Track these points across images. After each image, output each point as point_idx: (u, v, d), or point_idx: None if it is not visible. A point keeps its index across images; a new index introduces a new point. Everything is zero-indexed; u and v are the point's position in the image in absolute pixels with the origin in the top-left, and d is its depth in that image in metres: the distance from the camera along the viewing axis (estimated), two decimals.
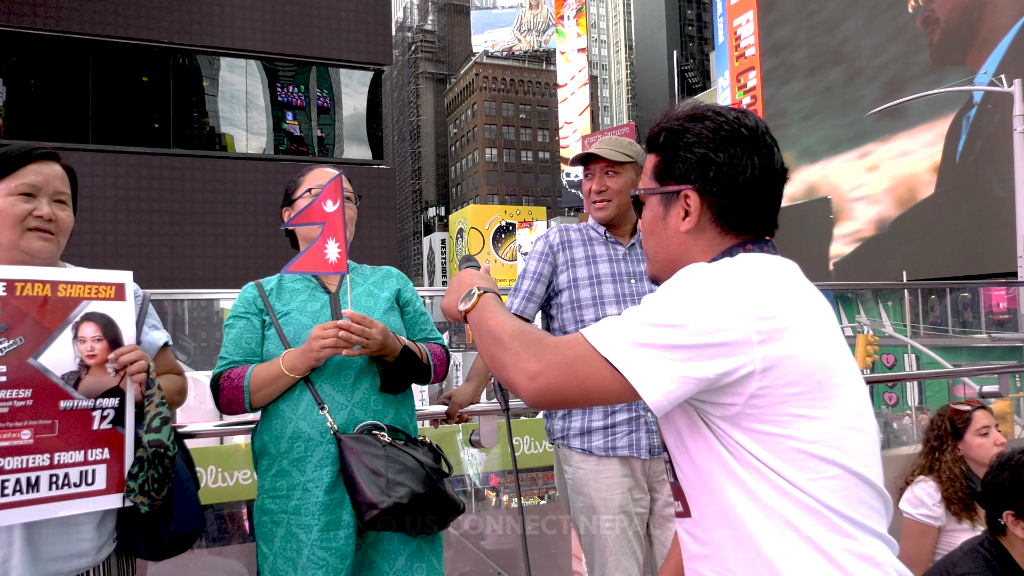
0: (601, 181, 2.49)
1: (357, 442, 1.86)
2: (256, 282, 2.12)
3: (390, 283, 2.18)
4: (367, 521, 1.82)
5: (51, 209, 1.67)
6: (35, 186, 1.65)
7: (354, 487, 1.82)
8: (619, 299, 2.45)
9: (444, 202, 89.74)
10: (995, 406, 7.50)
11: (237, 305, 2.06)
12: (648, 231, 1.34)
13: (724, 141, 1.23)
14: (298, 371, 1.90)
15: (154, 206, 14.11)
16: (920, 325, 15.17)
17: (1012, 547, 2.18)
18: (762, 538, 1.11)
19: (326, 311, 2.02)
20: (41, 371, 1.51)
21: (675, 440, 1.23)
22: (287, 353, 1.92)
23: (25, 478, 1.47)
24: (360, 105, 16.49)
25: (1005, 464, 2.22)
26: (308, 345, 1.87)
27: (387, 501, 1.80)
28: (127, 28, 14.08)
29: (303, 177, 2.20)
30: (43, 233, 1.66)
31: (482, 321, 1.31)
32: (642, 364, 1.09)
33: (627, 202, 2.50)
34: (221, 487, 4.13)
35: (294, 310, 2.01)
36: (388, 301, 2.12)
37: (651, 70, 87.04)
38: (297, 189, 2.19)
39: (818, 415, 1.11)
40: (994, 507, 2.22)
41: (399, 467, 1.86)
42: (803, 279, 1.21)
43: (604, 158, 2.46)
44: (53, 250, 1.69)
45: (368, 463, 1.83)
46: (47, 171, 1.68)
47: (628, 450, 2.37)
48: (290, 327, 1.99)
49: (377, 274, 2.21)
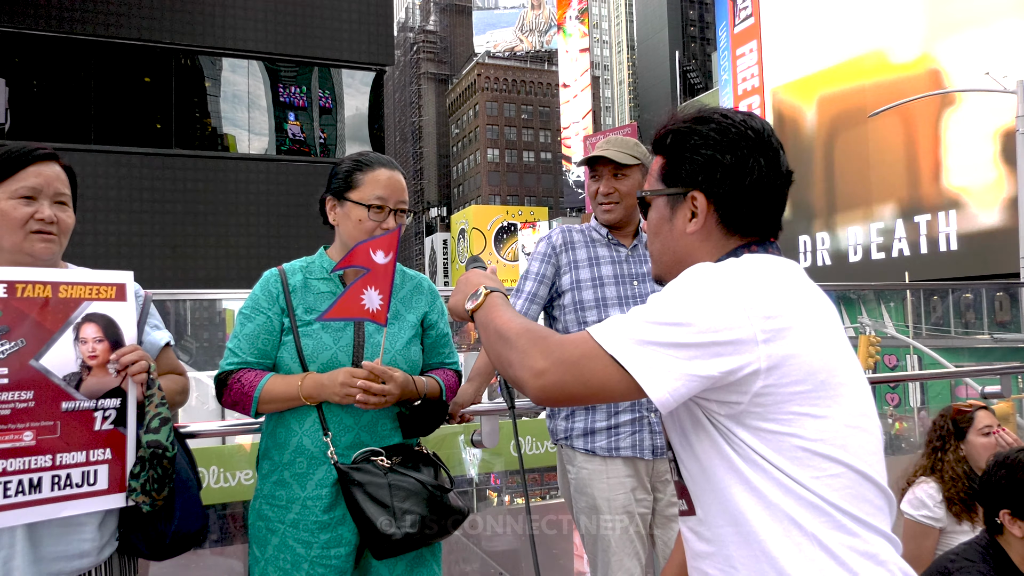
0: (609, 183, 2.48)
1: (359, 472, 1.84)
2: (280, 269, 2.01)
3: (419, 303, 2.09)
4: (380, 554, 1.82)
5: (52, 211, 1.66)
6: (36, 188, 1.64)
7: (364, 522, 1.81)
8: (622, 301, 2.45)
9: (446, 202, 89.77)
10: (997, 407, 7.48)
11: (258, 296, 1.96)
12: (654, 232, 1.35)
13: (731, 143, 1.24)
14: (314, 400, 1.87)
15: (156, 206, 14.11)
16: (922, 326, 15.16)
17: (1009, 546, 2.17)
18: (766, 535, 1.11)
19: (349, 331, 1.94)
20: (43, 373, 1.51)
21: (680, 438, 1.24)
22: (308, 379, 1.86)
23: (28, 479, 1.47)
24: (362, 105, 16.50)
25: (1001, 463, 2.22)
26: (332, 385, 1.83)
27: (398, 534, 1.80)
28: (129, 29, 14.09)
29: (364, 175, 1.97)
30: (45, 235, 1.65)
31: (489, 319, 1.32)
32: (647, 362, 1.10)
33: (633, 204, 2.49)
34: (223, 487, 4.13)
35: (316, 323, 1.93)
36: (414, 328, 2.04)
37: (653, 70, 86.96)
38: (354, 188, 1.97)
39: (822, 414, 1.12)
40: (991, 506, 2.21)
41: (403, 494, 1.85)
42: (807, 279, 1.22)
43: (612, 160, 2.45)
44: (55, 251, 1.69)
45: (373, 494, 1.82)
46: (47, 172, 1.67)
47: (632, 450, 2.38)
48: (309, 340, 1.91)
49: (407, 286, 2.10)
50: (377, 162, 2.01)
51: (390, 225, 1.96)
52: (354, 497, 1.81)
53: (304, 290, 1.98)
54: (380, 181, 1.97)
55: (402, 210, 2.00)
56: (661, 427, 2.36)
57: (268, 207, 14.78)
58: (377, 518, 1.79)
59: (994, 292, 14.99)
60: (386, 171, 1.99)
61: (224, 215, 14.67)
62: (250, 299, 1.98)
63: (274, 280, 1.99)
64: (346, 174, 1.99)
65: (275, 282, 1.98)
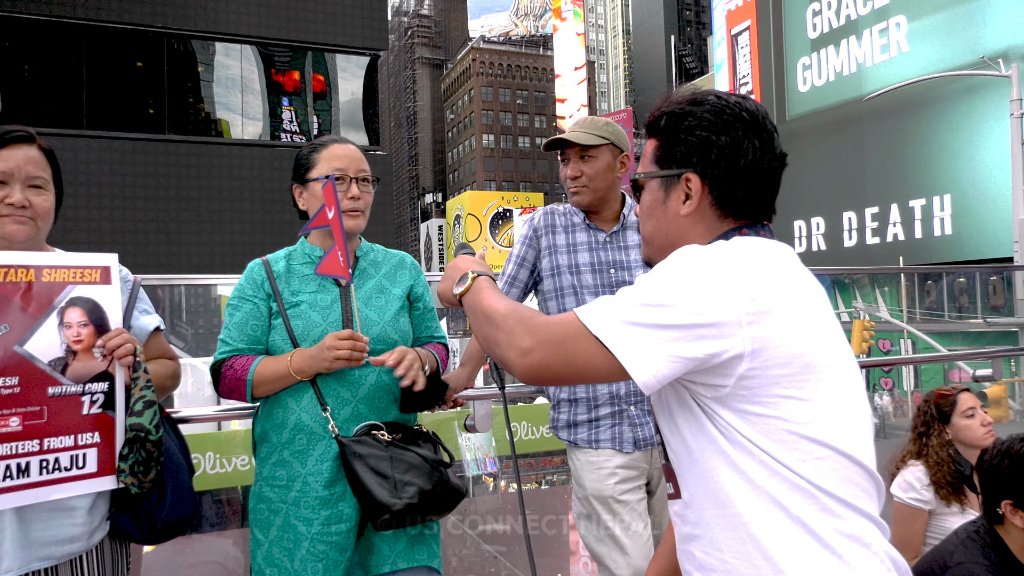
0: (576, 166, 2.41)
1: (359, 445, 1.85)
2: (263, 260, 2.03)
3: (403, 277, 2.12)
4: (380, 525, 1.83)
5: (24, 195, 1.63)
6: (6, 172, 1.62)
7: (363, 493, 1.81)
8: (599, 290, 2.41)
9: (441, 188, 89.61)
10: (990, 390, 7.54)
11: (244, 286, 1.99)
12: (647, 214, 1.34)
13: (726, 125, 1.24)
14: (306, 374, 1.88)
15: (149, 192, 14.06)
16: (916, 310, 15.22)
17: (1008, 536, 2.17)
18: (751, 517, 1.12)
19: (336, 307, 1.96)
20: (28, 358, 1.50)
21: (667, 420, 1.24)
22: (296, 354, 1.88)
23: (15, 464, 1.47)
24: (356, 91, 16.42)
25: (1007, 452, 2.19)
26: (320, 353, 1.83)
27: (398, 504, 1.80)
28: (121, 13, 13.98)
29: (318, 154, 2.04)
30: (17, 219, 1.63)
31: (476, 302, 1.32)
32: (631, 343, 1.10)
33: (605, 187, 2.43)
34: (219, 473, 4.14)
35: (304, 302, 1.95)
36: (400, 299, 2.06)
37: (648, 55, 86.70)
38: (311, 168, 2.04)
39: (808, 397, 1.12)
40: (992, 495, 2.19)
41: (404, 466, 1.86)
42: (797, 263, 1.21)
43: (577, 143, 2.38)
44: (31, 233, 1.66)
45: (373, 466, 1.83)
46: (18, 155, 1.64)
47: (611, 443, 2.36)
48: (298, 320, 1.93)
49: (390, 262, 2.13)
50: (331, 140, 2.08)
51: (355, 193, 2.02)
52: (354, 469, 1.82)
53: (288, 275, 2.00)
54: (336, 154, 2.04)
55: (365, 179, 2.06)
56: (641, 420, 2.38)
57: (262, 193, 14.75)
58: (377, 489, 1.80)
59: (987, 276, 15.03)
60: (339, 145, 2.06)
61: (218, 200, 14.64)
62: (236, 289, 2.00)
63: (258, 268, 2.02)
64: (304, 158, 2.07)
65: (259, 270, 2.01)
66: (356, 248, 2.09)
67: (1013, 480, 2.14)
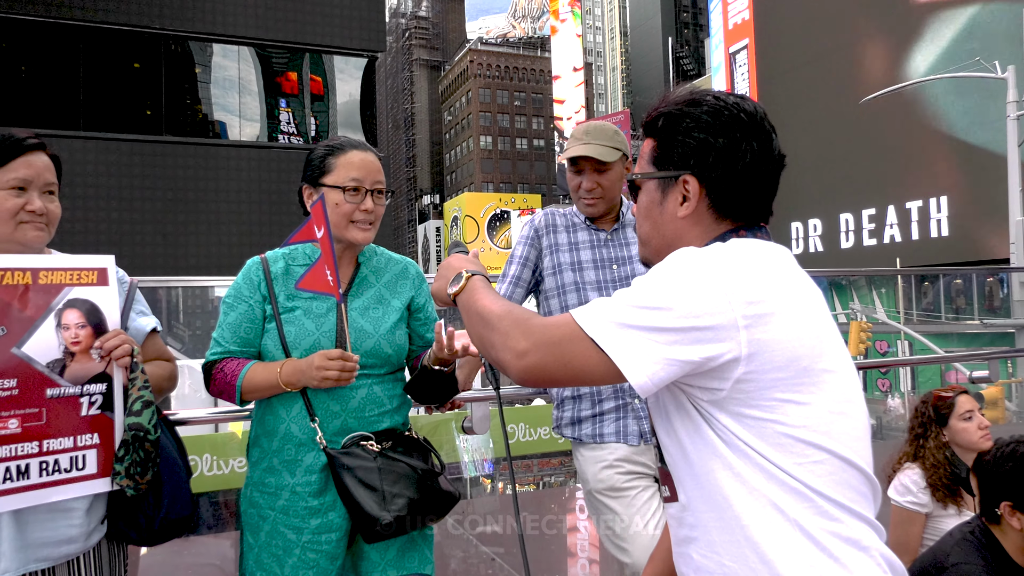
0: (592, 179, 2.45)
1: (348, 457, 1.84)
2: (262, 258, 1.99)
3: (404, 288, 2.07)
4: (370, 537, 1.82)
5: (42, 202, 1.66)
6: (27, 179, 1.63)
7: (353, 505, 1.81)
8: (601, 285, 2.44)
9: (439, 190, 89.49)
10: (987, 391, 7.55)
11: (240, 285, 1.96)
12: (643, 216, 1.33)
13: (724, 126, 1.22)
14: (294, 387, 1.86)
15: (147, 193, 14.03)
16: (913, 311, 15.25)
17: (1004, 536, 2.17)
18: (748, 520, 1.11)
19: (331, 316, 1.93)
20: (26, 360, 1.50)
21: (663, 423, 1.24)
22: (286, 365, 1.85)
23: (15, 466, 1.47)
24: (354, 92, 16.41)
25: (1010, 454, 2.18)
26: (309, 370, 1.81)
27: (387, 517, 1.79)
28: (118, 14, 13.96)
29: (336, 159, 1.95)
30: (36, 224, 1.65)
31: (471, 303, 1.31)
32: (627, 345, 1.09)
33: (616, 194, 2.49)
34: (216, 475, 4.14)
35: (299, 308, 1.92)
36: (399, 312, 2.02)
37: (646, 57, 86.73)
38: (327, 173, 1.95)
39: (805, 400, 1.12)
40: (991, 495, 2.19)
41: (393, 477, 1.84)
42: (794, 265, 1.21)
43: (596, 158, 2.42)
44: (47, 239, 1.69)
45: (363, 478, 1.82)
46: (37, 163, 1.66)
47: (616, 437, 2.38)
48: (291, 327, 1.91)
49: (392, 270, 2.09)
50: (349, 145, 1.99)
51: (368, 207, 1.95)
52: (343, 481, 1.81)
53: (286, 277, 1.97)
54: (354, 163, 1.95)
55: (380, 191, 1.99)
56: (646, 413, 2.38)
57: (259, 194, 14.73)
58: (366, 502, 1.79)
59: (984, 277, 15.06)
60: (359, 153, 1.97)
61: (215, 202, 14.61)
62: (232, 288, 1.97)
63: (256, 268, 1.98)
64: (320, 160, 1.98)
65: (257, 270, 1.97)
66: (358, 253, 2.05)
67: (1015, 482, 2.14)
